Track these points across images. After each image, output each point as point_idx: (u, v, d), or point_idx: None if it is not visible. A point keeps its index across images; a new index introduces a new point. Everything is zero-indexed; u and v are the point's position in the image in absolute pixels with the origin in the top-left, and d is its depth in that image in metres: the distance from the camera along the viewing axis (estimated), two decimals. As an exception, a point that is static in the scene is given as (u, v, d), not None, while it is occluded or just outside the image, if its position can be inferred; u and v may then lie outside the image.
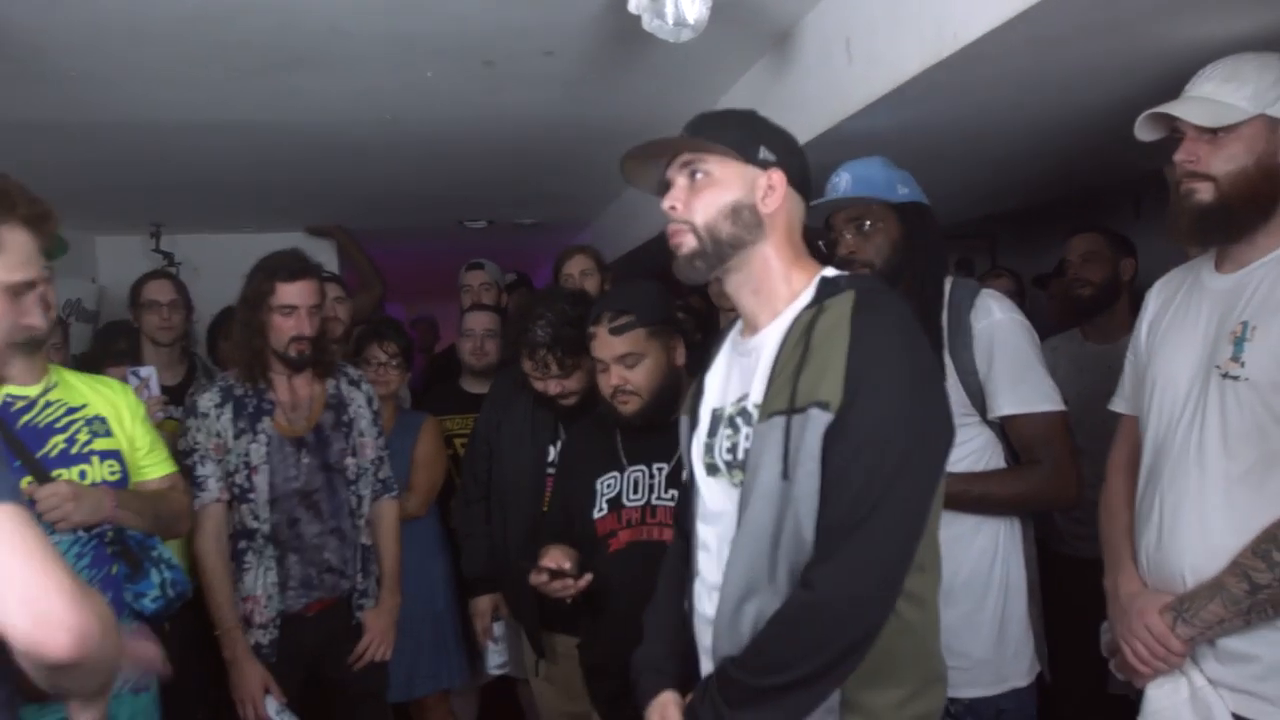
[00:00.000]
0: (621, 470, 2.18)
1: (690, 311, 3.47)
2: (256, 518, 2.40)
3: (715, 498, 1.46)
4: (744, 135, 1.44)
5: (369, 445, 2.63)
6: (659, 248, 3.90)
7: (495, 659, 2.82)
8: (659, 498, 2.13)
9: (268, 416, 2.45)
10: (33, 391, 1.99)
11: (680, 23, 1.92)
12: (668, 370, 2.11)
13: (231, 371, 2.52)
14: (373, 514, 2.64)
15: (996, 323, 1.93)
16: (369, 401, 2.67)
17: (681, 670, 1.53)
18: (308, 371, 2.52)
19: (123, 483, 2.03)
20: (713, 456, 1.47)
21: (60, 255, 2.04)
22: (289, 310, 2.41)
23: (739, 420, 1.43)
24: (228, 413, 2.42)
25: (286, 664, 2.41)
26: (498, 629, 2.79)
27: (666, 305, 2.20)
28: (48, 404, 2.00)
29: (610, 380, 2.08)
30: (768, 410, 1.34)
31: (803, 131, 2.24)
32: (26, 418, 1.95)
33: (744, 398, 1.43)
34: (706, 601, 1.45)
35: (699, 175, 1.42)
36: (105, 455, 2.02)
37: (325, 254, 4.58)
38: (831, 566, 1.27)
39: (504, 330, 2.80)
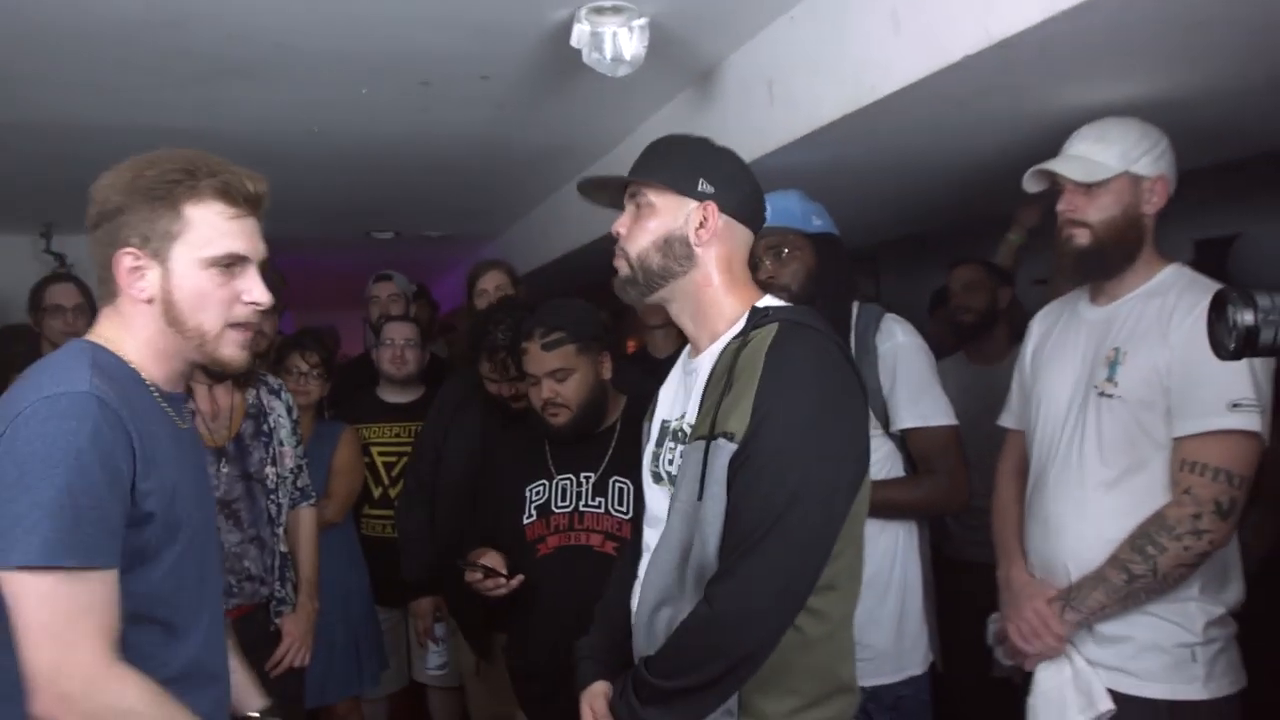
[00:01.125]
0: (550, 478, 2.28)
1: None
2: (174, 526, 2.38)
3: (658, 504, 1.54)
4: (685, 167, 1.48)
5: (288, 454, 2.64)
6: (568, 265, 4.04)
7: (435, 660, 2.86)
8: (586, 504, 2.23)
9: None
10: None
11: (618, 59, 2.05)
12: (595, 384, 2.21)
13: (151, 382, 2.49)
14: (290, 521, 2.64)
15: (900, 345, 2.13)
16: (288, 410, 2.67)
17: (619, 662, 1.61)
18: (228, 381, 2.52)
19: None
20: (658, 466, 1.56)
21: None
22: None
23: (678, 436, 1.52)
24: (145, 423, 2.40)
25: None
26: (438, 630, 2.84)
27: (595, 322, 2.31)
28: None
29: (541, 394, 2.17)
30: (695, 434, 1.43)
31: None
32: None
33: (683, 416, 1.52)
34: (635, 602, 1.53)
35: (641, 205, 1.49)
36: None
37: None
38: (728, 584, 1.34)
39: (467, 336, 2.83)
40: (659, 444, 1.58)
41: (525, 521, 2.27)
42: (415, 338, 3.36)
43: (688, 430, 1.48)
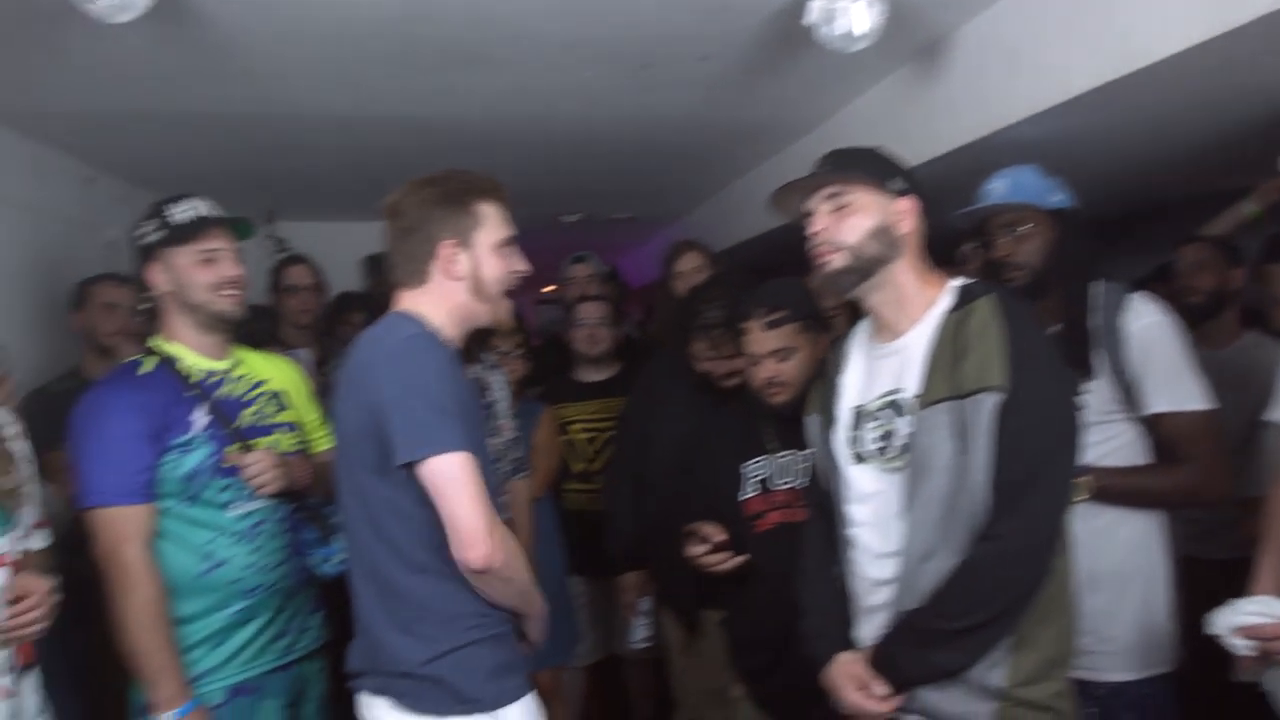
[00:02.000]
0: (770, 455, 2.29)
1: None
2: (409, 493, 2.53)
3: (865, 482, 1.67)
4: (878, 168, 1.66)
5: (506, 427, 2.76)
6: (758, 247, 4.01)
7: (640, 632, 2.93)
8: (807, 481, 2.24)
9: (421, 398, 2.57)
10: (223, 366, 2.08)
11: (852, 34, 2.02)
12: (816, 363, 2.21)
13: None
14: (509, 492, 2.76)
15: (1153, 324, 2.01)
16: (504, 386, 2.79)
17: (842, 633, 1.73)
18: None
19: (303, 454, 2.16)
20: (858, 447, 1.68)
21: (247, 237, 2.16)
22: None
23: (886, 413, 1.64)
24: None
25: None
26: (643, 604, 2.91)
27: (815, 302, 2.30)
28: (238, 378, 2.10)
29: (762, 373, 2.18)
30: (930, 399, 1.56)
31: (948, 138, 2.34)
32: (223, 391, 2.04)
33: (894, 392, 1.63)
34: (871, 566, 1.66)
35: (844, 203, 1.63)
36: (290, 427, 2.15)
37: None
38: (1013, 520, 1.49)
39: (677, 315, 2.87)
40: (855, 426, 1.69)
41: (744, 497, 2.28)
42: (608, 316, 3.42)
43: (902, 403, 1.61)
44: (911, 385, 1.60)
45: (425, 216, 1.67)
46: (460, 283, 1.67)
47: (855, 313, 1.82)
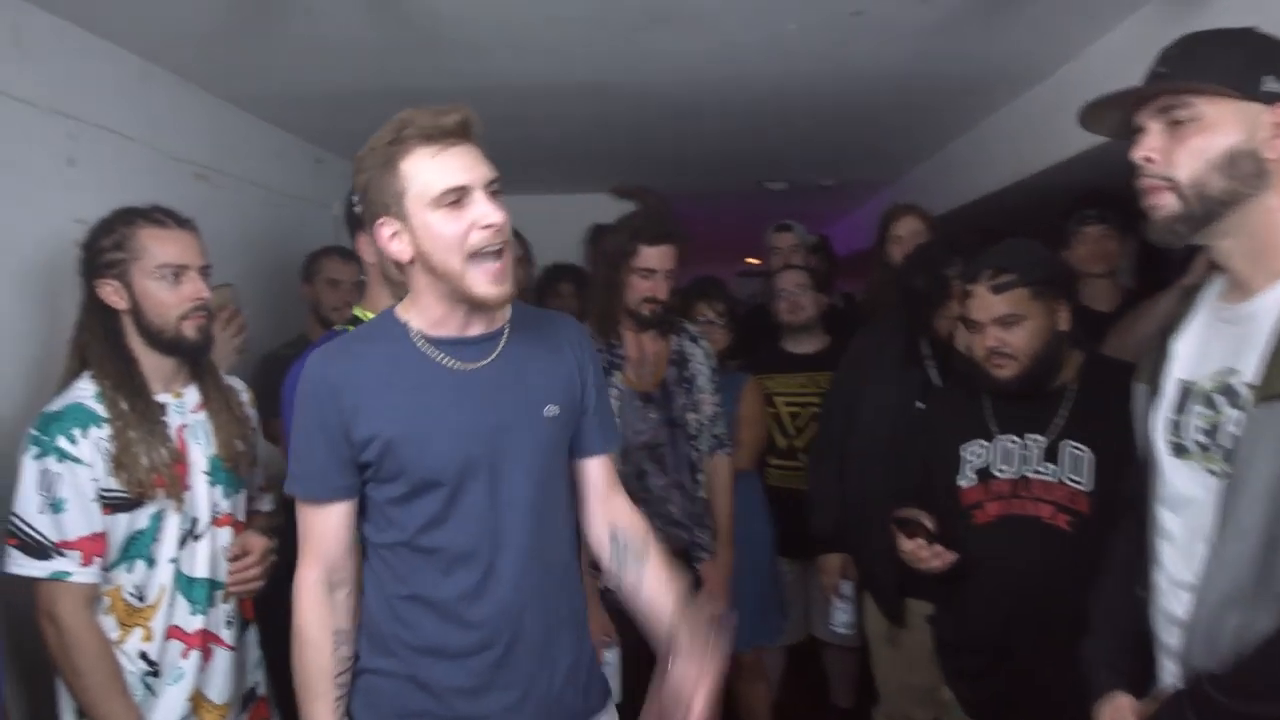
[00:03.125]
0: (990, 438, 2.07)
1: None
2: (609, 469, 2.50)
3: (1182, 482, 1.32)
4: (1243, 63, 1.21)
5: (707, 401, 2.68)
6: (985, 210, 3.69)
7: (841, 617, 2.82)
8: (1034, 470, 2.01)
9: (618, 371, 2.53)
10: None
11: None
12: (1050, 335, 1.97)
13: (582, 325, 2.62)
14: (708, 469, 2.69)
15: None
16: (707, 358, 2.71)
17: (1134, 667, 1.43)
18: (652, 329, 2.58)
19: None
20: (1180, 435, 1.33)
21: None
22: (649, 273, 2.47)
23: (1219, 398, 1.27)
24: (583, 365, 2.53)
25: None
26: (845, 587, 2.78)
27: (1054, 266, 2.05)
28: None
29: (985, 342, 1.97)
30: (1267, 392, 1.18)
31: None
32: None
33: (1229, 372, 1.26)
34: (1173, 599, 1.33)
35: (1183, 119, 1.22)
36: None
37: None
38: None
39: (908, 279, 2.69)
40: (1179, 409, 1.34)
41: (961, 484, 2.08)
42: (808, 283, 3.31)
43: (1242, 390, 1.23)
44: (1250, 368, 1.22)
45: (363, 191, 1.43)
46: (413, 265, 1.41)
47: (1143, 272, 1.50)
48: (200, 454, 1.75)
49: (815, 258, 3.95)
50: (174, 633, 1.68)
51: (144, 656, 1.64)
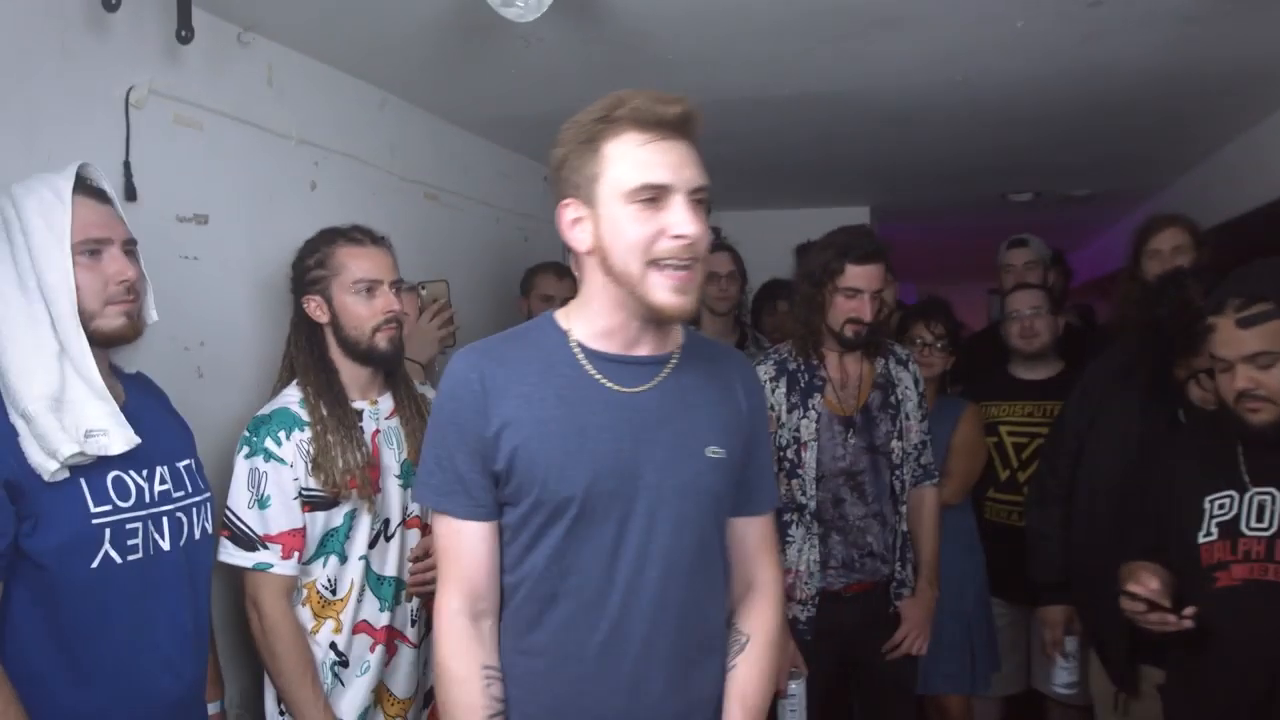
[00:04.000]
0: (1242, 490, 1.79)
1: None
2: (804, 493, 2.40)
3: None
4: None
5: (914, 429, 2.51)
6: (1263, 221, 3.22)
7: (1063, 676, 2.55)
8: (1295, 530, 1.71)
9: (819, 393, 2.43)
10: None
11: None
12: None
13: (784, 344, 2.55)
14: (912, 500, 2.53)
15: None
16: (916, 383, 2.55)
17: None
18: (858, 350, 2.46)
19: None
20: None
21: None
22: (854, 293, 2.35)
23: None
24: (782, 386, 2.45)
25: (821, 641, 2.39)
26: (1070, 644, 2.52)
27: None
28: None
29: (1235, 383, 1.71)
30: None
31: None
32: None
33: None
34: None
35: None
36: None
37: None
38: None
39: (1149, 307, 2.40)
40: None
41: (1202, 540, 1.81)
42: (1044, 305, 3.02)
43: None
44: None
45: (558, 167, 1.30)
46: (592, 257, 1.27)
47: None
48: (392, 458, 1.86)
49: (1054, 273, 3.62)
50: (362, 627, 1.79)
51: (334, 647, 1.76)
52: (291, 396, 1.79)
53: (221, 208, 2.10)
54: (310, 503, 1.73)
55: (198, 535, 1.52)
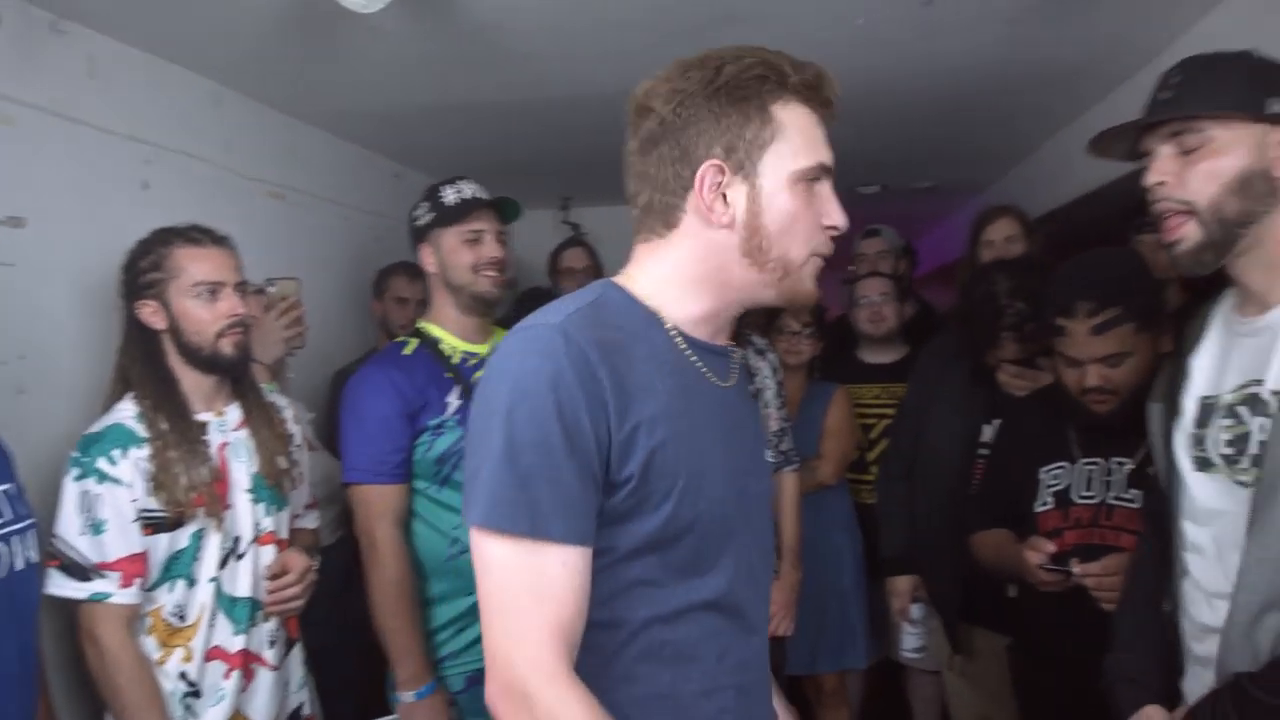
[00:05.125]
0: (1072, 461, 1.92)
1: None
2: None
3: (1209, 495, 1.33)
4: (1247, 86, 1.23)
5: (773, 416, 2.59)
6: (1087, 209, 3.45)
7: (912, 642, 2.68)
8: (1117, 497, 1.85)
9: (681, 384, 2.46)
10: (482, 349, 2.09)
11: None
12: (1153, 365, 1.78)
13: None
14: (774, 487, 2.59)
15: None
16: (774, 372, 2.61)
17: (1162, 683, 1.42)
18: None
19: None
20: (1204, 449, 1.34)
21: (514, 219, 2.17)
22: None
23: (1243, 409, 1.29)
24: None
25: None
26: (915, 611, 2.65)
27: (1155, 287, 1.86)
28: None
29: (1086, 380, 1.80)
30: None
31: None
32: (479, 374, 2.08)
33: (1251, 383, 1.29)
34: (1204, 608, 1.34)
35: (1194, 144, 1.25)
36: None
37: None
38: None
39: (972, 300, 2.55)
40: (1201, 424, 1.36)
41: (1039, 509, 1.94)
42: (891, 292, 3.18)
43: (1269, 399, 1.25)
44: (1275, 376, 1.26)
45: (684, 117, 1.06)
46: (724, 233, 1.07)
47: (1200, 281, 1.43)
48: (242, 472, 1.76)
49: (904, 263, 3.79)
50: (215, 653, 1.69)
51: (184, 677, 1.66)
52: (126, 411, 1.67)
53: (39, 209, 1.94)
54: (151, 525, 1.62)
55: (20, 566, 1.40)
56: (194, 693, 1.66)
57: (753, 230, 1.06)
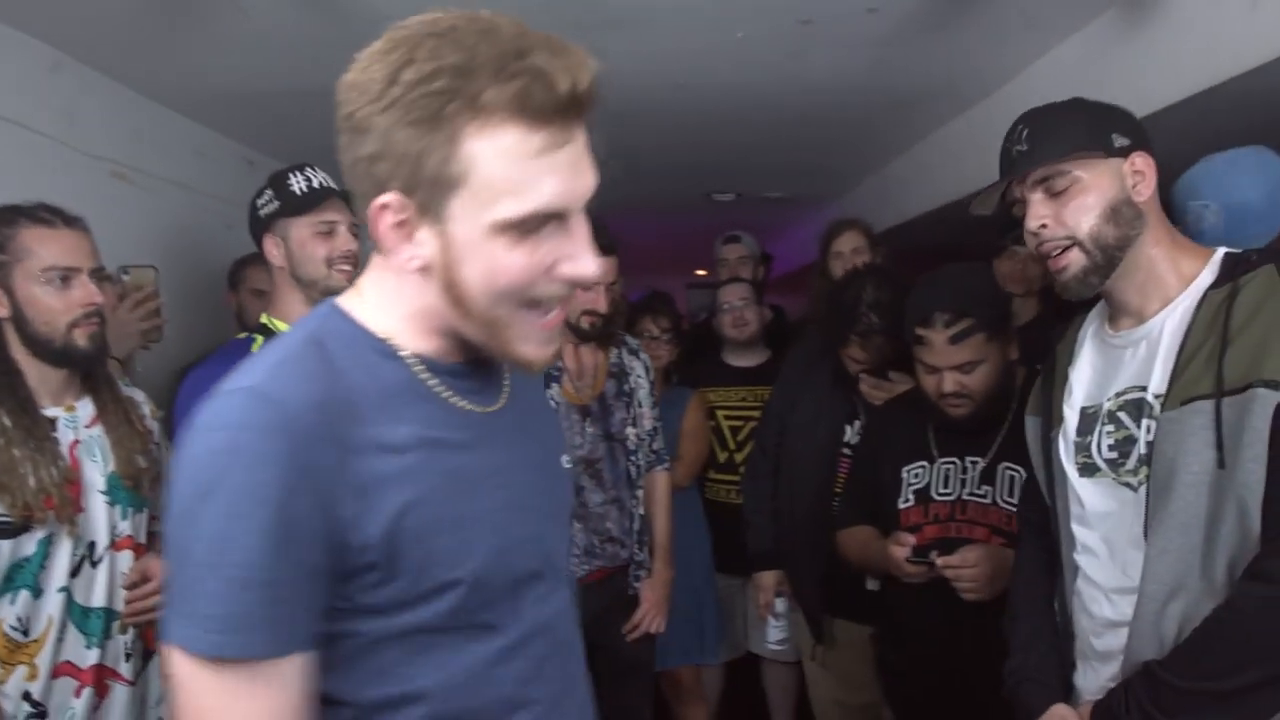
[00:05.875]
0: (931, 461, 2.04)
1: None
2: (544, 483, 2.41)
3: (1096, 499, 1.40)
4: (1090, 127, 1.36)
5: (646, 415, 2.61)
6: (927, 225, 3.68)
7: (776, 635, 2.79)
8: (971, 493, 1.99)
9: (556, 383, 2.45)
10: None
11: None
12: (1003, 370, 1.95)
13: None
14: (646, 485, 2.62)
15: None
16: (646, 372, 2.64)
17: (1061, 681, 1.46)
18: (592, 341, 2.51)
19: None
20: (1089, 456, 1.40)
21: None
22: (588, 285, 2.40)
23: (1123, 415, 1.36)
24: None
25: (565, 629, 2.43)
26: (780, 605, 2.75)
27: (1003, 298, 2.03)
28: None
29: (943, 386, 1.93)
30: (1181, 398, 1.27)
31: (1168, 90, 2.00)
32: None
33: (1132, 389, 1.36)
34: (1104, 604, 1.39)
35: (1062, 186, 1.35)
36: None
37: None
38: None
39: (831, 306, 2.66)
40: (1084, 431, 1.42)
41: (901, 506, 2.05)
42: (752, 297, 3.28)
43: (1152, 402, 1.32)
44: (1157, 381, 1.32)
45: (359, 126, 0.82)
46: (419, 278, 0.87)
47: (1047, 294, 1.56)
48: (96, 472, 1.63)
49: (761, 269, 3.92)
50: (64, 669, 1.55)
51: (27, 697, 1.51)
52: (-39, 406, 1.50)
53: None
54: (-8, 530, 1.47)
55: None
56: (39, 714, 1.52)
57: (449, 282, 0.85)
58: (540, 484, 1.00)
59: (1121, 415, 1.37)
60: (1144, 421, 1.32)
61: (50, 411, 1.59)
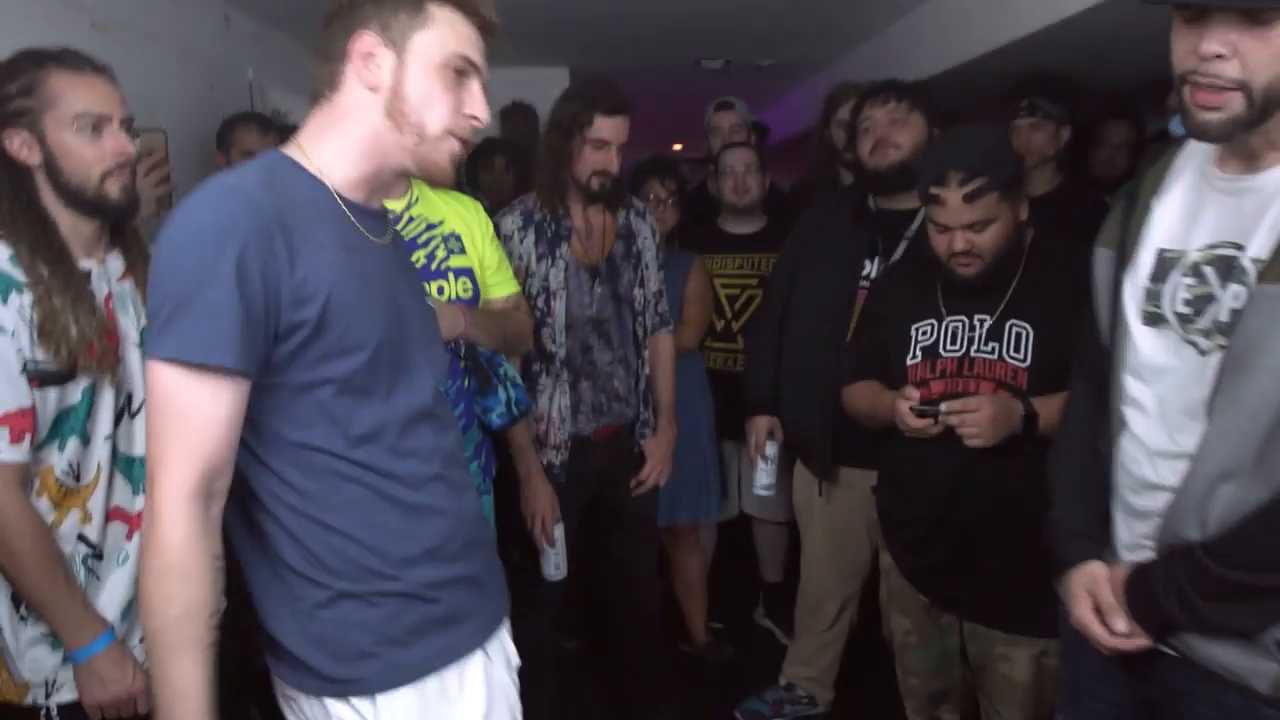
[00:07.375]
0: (939, 319, 2.10)
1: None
2: (554, 342, 2.45)
3: (1156, 351, 1.30)
4: None
5: (652, 278, 2.64)
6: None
7: (763, 478, 2.85)
8: (978, 350, 2.05)
9: (565, 242, 2.46)
10: (398, 206, 2.01)
11: None
12: (1014, 230, 1.99)
13: (529, 195, 2.53)
14: (651, 346, 2.67)
15: None
16: (653, 234, 2.66)
17: (1102, 533, 1.43)
18: (600, 202, 2.51)
19: (474, 300, 2.08)
20: (1158, 305, 1.30)
21: None
22: (601, 144, 2.38)
23: (1209, 270, 1.24)
24: (530, 236, 2.44)
25: (575, 484, 2.51)
26: (769, 448, 2.83)
27: (1015, 158, 2.05)
28: (410, 219, 2.03)
29: (954, 244, 1.97)
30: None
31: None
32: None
33: (1225, 245, 1.22)
34: (1145, 466, 1.32)
35: (1271, 17, 1.09)
36: (460, 272, 2.07)
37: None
38: None
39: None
40: (1158, 277, 1.31)
41: (910, 361, 2.12)
42: (754, 163, 3.25)
43: (1247, 266, 1.19)
44: (1260, 244, 1.18)
45: (357, 3, 1.25)
46: (370, 95, 1.23)
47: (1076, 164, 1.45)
48: (131, 325, 1.62)
49: (755, 136, 3.89)
50: (115, 513, 1.59)
51: (83, 539, 1.55)
52: (-1, 253, 1.49)
53: None
54: (39, 377, 1.47)
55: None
56: (96, 555, 1.56)
57: (394, 93, 1.23)
58: (416, 307, 1.38)
59: (1207, 270, 1.23)
60: (1231, 286, 1.19)
61: (84, 264, 1.57)
